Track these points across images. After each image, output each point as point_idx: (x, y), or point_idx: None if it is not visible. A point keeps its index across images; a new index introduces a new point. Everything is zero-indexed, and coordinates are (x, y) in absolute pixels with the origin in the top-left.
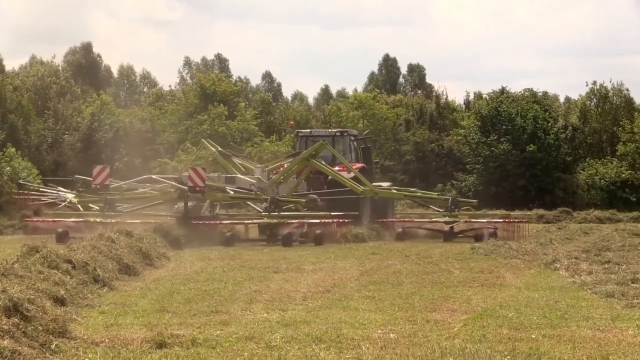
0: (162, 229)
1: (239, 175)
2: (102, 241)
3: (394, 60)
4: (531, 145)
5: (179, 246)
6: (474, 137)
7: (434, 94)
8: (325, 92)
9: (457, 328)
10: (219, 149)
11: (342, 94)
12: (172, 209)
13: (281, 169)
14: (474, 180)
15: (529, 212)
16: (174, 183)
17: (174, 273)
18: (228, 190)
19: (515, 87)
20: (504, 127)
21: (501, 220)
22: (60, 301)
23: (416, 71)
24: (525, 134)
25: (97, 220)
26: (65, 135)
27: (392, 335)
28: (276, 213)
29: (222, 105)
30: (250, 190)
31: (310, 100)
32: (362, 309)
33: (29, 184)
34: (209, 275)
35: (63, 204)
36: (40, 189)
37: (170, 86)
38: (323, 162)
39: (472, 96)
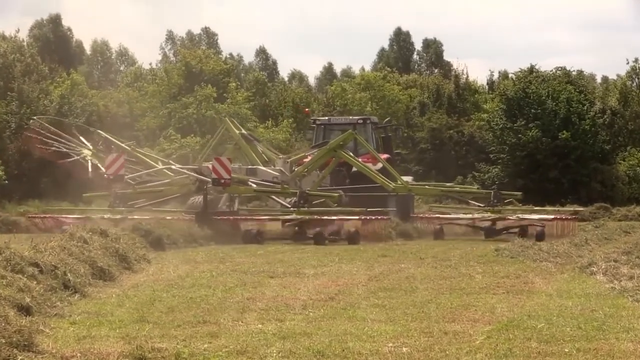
0: (141, 227)
1: (261, 167)
2: (73, 242)
3: (407, 35)
4: (564, 131)
5: (161, 247)
6: (499, 123)
7: (452, 73)
8: (328, 71)
9: (479, 341)
10: (243, 131)
11: (347, 74)
12: (186, 204)
13: (305, 160)
14: (499, 172)
15: (561, 209)
16: (194, 174)
17: (155, 278)
18: (250, 184)
19: (546, 65)
20: (532, 111)
21: (552, 217)
22: (25, 310)
23: (432, 47)
24: (558, 119)
25: (105, 216)
26: (31, 121)
27: (404, 349)
28: (306, 208)
29: (210, 86)
30: (273, 183)
31: (311, 81)
32: (371, 319)
33: (45, 124)
34: (195, 280)
35: (75, 157)
36: (58, 133)
37: (150, 64)
38: (351, 154)
39: (496, 76)
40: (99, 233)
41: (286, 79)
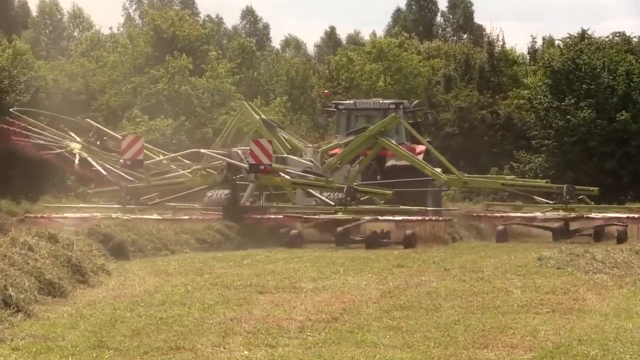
0: (99, 231)
1: (291, 156)
2: (15, 248)
3: None
4: (623, 112)
5: (124, 255)
6: (543, 101)
7: (485, 39)
8: (331, 37)
9: None
10: (262, 116)
11: (354, 40)
12: (203, 201)
13: (338, 150)
14: (542, 162)
15: (619, 206)
16: (228, 159)
17: (116, 293)
18: (284, 175)
19: (600, 30)
20: (584, 86)
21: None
22: None
23: (460, 7)
24: (615, 97)
25: (114, 215)
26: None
27: None
28: (354, 206)
29: (185, 55)
30: (316, 175)
31: (310, 49)
32: (384, 344)
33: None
34: (167, 296)
35: (58, 150)
36: (42, 125)
37: (111, 29)
38: (394, 142)
39: (539, 43)
40: (47, 238)
41: (279, 47)
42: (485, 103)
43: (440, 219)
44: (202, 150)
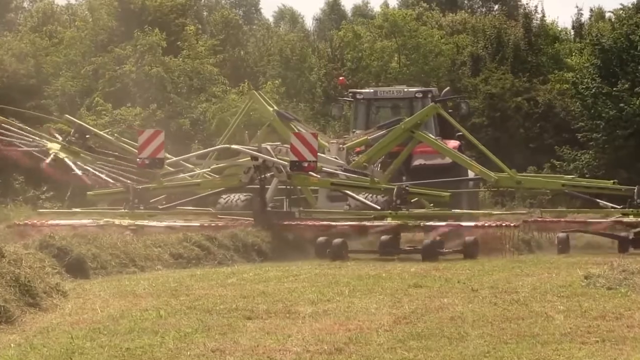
0: (53, 244)
1: (320, 154)
2: None
3: None
4: None
5: (84, 273)
6: (590, 86)
7: (521, 11)
8: (333, 8)
9: None
10: (275, 107)
11: (362, 12)
12: (217, 205)
13: (367, 146)
14: (590, 159)
15: None
16: (266, 156)
17: (74, 319)
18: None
19: None
20: None
21: None
22: None
23: None
24: None
25: (118, 222)
26: None
27: None
28: (405, 211)
29: (157, 30)
30: (361, 174)
31: (308, 23)
32: None
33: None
34: (135, 322)
35: (26, 148)
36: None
37: None
38: (432, 136)
39: (586, 16)
40: None
41: (271, 20)
42: (521, 88)
43: (512, 224)
44: (234, 147)
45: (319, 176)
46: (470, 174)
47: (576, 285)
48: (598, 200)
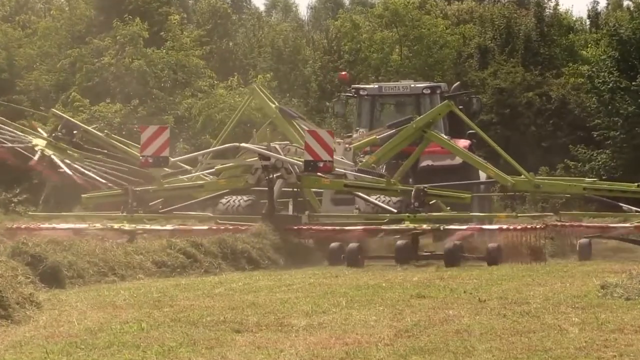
0: (26, 251)
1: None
2: None
3: None
4: None
5: (59, 282)
6: (607, 80)
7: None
8: None
9: None
10: (277, 104)
11: (361, 0)
12: (217, 208)
13: (372, 146)
14: (607, 160)
15: None
16: (279, 156)
17: (49, 332)
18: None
19: None
20: None
21: None
22: None
23: None
24: None
25: (115, 226)
26: None
27: None
28: (424, 213)
29: (138, 20)
30: (376, 175)
31: (302, 12)
32: None
33: None
34: (114, 336)
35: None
36: None
37: None
38: (444, 136)
39: (602, 4)
40: None
41: (262, 9)
42: (533, 83)
43: (537, 227)
44: (243, 145)
45: (329, 178)
46: (482, 176)
47: (592, 295)
48: (621, 205)
